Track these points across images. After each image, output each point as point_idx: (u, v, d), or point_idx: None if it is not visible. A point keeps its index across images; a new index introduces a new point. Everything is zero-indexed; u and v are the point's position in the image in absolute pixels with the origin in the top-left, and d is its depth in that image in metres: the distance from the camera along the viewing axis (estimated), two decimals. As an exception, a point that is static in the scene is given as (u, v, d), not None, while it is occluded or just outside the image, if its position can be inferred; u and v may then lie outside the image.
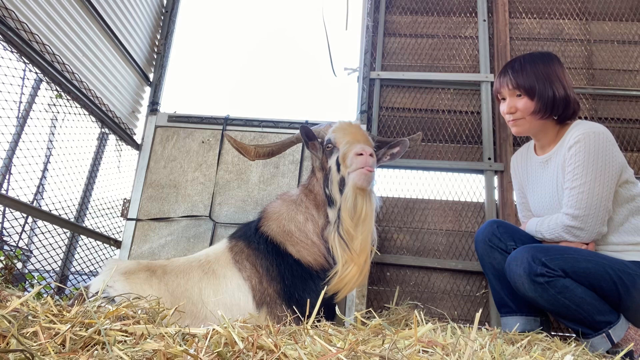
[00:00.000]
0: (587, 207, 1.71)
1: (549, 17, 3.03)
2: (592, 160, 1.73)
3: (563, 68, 1.90)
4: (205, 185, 2.75)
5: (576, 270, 1.61)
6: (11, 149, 2.07)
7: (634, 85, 2.82)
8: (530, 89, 1.84)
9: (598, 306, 1.60)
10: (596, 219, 1.72)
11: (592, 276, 1.61)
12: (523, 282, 1.64)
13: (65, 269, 2.50)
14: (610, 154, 1.74)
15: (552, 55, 1.93)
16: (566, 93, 1.84)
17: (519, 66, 1.90)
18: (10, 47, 1.94)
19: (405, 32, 3.08)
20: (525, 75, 1.86)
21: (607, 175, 1.72)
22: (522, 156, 2.16)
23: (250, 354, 0.86)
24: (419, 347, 0.96)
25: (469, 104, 2.88)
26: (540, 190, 2.00)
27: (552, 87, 1.82)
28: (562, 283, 1.59)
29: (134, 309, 1.21)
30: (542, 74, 1.84)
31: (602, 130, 1.77)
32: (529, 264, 1.62)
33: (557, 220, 1.80)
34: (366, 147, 1.74)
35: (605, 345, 1.58)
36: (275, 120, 2.86)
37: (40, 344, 0.87)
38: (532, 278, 1.61)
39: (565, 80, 1.86)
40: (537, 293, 1.62)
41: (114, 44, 2.71)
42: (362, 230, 1.77)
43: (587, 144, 1.74)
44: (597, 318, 1.59)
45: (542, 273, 1.60)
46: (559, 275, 1.59)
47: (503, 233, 1.92)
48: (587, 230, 1.73)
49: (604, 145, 1.74)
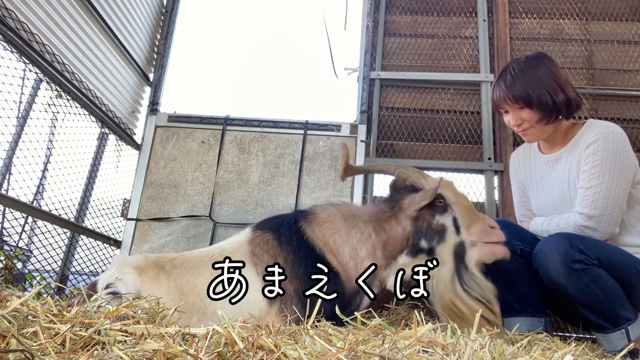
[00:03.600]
0: (603, 207, 1.69)
1: (549, 17, 3.02)
2: (610, 161, 1.70)
3: (555, 65, 1.84)
4: (205, 185, 2.75)
5: (611, 262, 1.59)
6: (11, 149, 2.07)
7: (634, 85, 2.81)
8: (529, 100, 1.79)
9: (622, 301, 1.59)
10: (610, 219, 1.70)
11: (624, 269, 1.60)
12: (557, 267, 1.60)
13: (65, 269, 2.50)
14: (627, 155, 1.72)
15: (541, 55, 1.87)
16: (564, 92, 1.79)
17: (510, 78, 1.83)
18: (10, 47, 1.94)
19: (405, 32, 3.07)
20: (520, 88, 1.80)
21: (624, 176, 1.70)
22: (524, 154, 2.12)
23: (250, 354, 0.86)
24: (419, 347, 0.96)
25: (469, 104, 2.88)
26: (547, 189, 1.96)
27: (548, 91, 1.77)
28: (597, 272, 1.57)
29: (134, 308, 1.22)
30: (535, 82, 1.78)
31: (619, 131, 1.75)
32: (566, 250, 1.58)
33: (568, 220, 1.77)
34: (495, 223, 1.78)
35: (623, 342, 1.57)
36: (275, 120, 2.86)
37: (40, 344, 0.87)
38: (568, 264, 1.58)
39: (559, 80, 1.80)
40: (570, 280, 1.59)
41: (114, 44, 2.71)
42: None
43: (605, 144, 1.72)
44: (620, 313, 1.58)
45: (579, 260, 1.57)
46: (595, 264, 1.58)
47: (509, 233, 1.90)
48: (601, 231, 1.71)
49: (622, 145, 1.72)
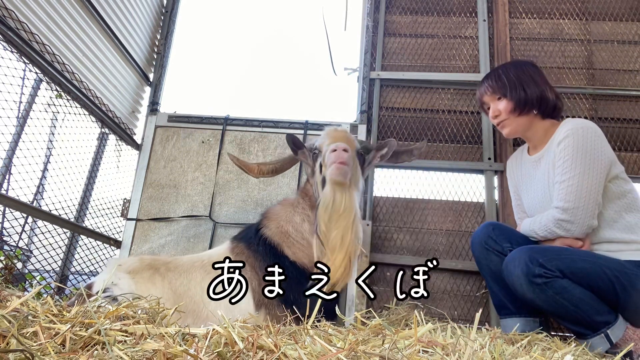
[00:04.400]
0: (576, 199, 1.73)
1: (549, 17, 3.02)
2: (580, 154, 1.76)
3: (538, 70, 2.06)
4: (205, 185, 2.75)
5: (573, 271, 1.60)
6: (11, 149, 2.07)
7: (634, 85, 2.81)
8: (504, 89, 1.99)
9: (596, 306, 1.60)
10: (585, 211, 1.73)
11: (589, 276, 1.61)
12: (521, 283, 1.64)
13: (65, 269, 2.50)
14: (598, 148, 1.77)
15: (527, 61, 2.14)
16: (540, 90, 1.97)
17: (493, 75, 2.08)
18: (10, 47, 1.94)
19: (405, 32, 3.07)
20: (499, 81, 2.03)
21: (596, 169, 1.75)
22: (516, 158, 2.21)
23: (250, 354, 0.86)
24: (419, 347, 0.96)
25: (469, 104, 2.88)
26: (533, 189, 2.02)
27: (523, 86, 1.97)
28: (560, 284, 1.59)
29: (134, 308, 1.21)
30: (513, 77, 2.01)
31: (590, 125, 1.82)
32: (527, 265, 1.62)
33: (547, 216, 1.81)
34: (340, 143, 1.79)
35: (604, 345, 1.58)
36: (275, 120, 2.86)
37: (40, 344, 0.87)
38: (529, 279, 1.60)
39: (539, 80, 2.00)
40: (535, 294, 1.62)
41: (114, 44, 2.71)
42: (338, 226, 1.78)
43: (575, 139, 1.79)
44: (595, 318, 1.59)
45: (539, 274, 1.59)
46: (557, 275, 1.59)
47: (499, 235, 1.93)
48: (578, 224, 1.74)
49: (592, 139, 1.78)
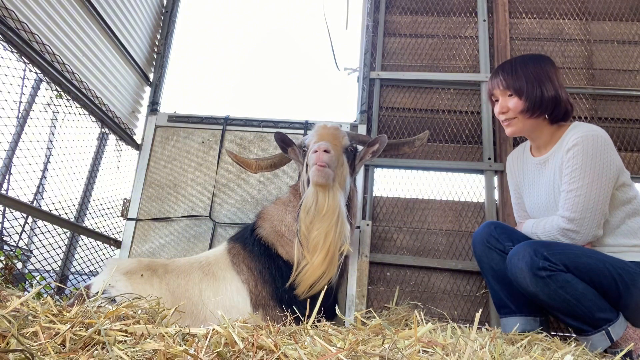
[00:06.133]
0: (583, 210, 1.71)
1: (549, 17, 3.02)
2: (589, 164, 1.72)
3: (556, 69, 1.92)
4: (205, 185, 2.75)
5: (577, 266, 1.60)
6: (11, 149, 2.07)
7: (634, 85, 2.81)
8: (520, 88, 1.87)
9: (598, 303, 1.60)
10: (592, 222, 1.71)
11: (593, 272, 1.61)
12: (525, 276, 1.63)
13: (65, 269, 2.50)
14: (608, 158, 1.73)
15: (545, 57, 1.96)
16: (556, 93, 1.86)
17: (509, 67, 1.93)
18: (10, 47, 1.94)
19: (405, 32, 3.07)
20: (515, 76, 1.89)
21: (605, 179, 1.72)
22: (517, 156, 2.16)
23: (250, 354, 0.86)
24: (419, 347, 0.96)
25: (469, 104, 2.88)
26: (536, 191, 1.99)
27: (540, 86, 1.85)
28: (564, 277, 1.59)
29: (134, 309, 1.21)
30: (531, 74, 1.87)
31: (600, 134, 1.77)
32: (531, 258, 1.61)
33: (552, 223, 1.80)
34: (322, 143, 1.74)
35: (604, 343, 1.58)
36: (275, 120, 2.86)
37: (40, 344, 0.87)
38: (534, 272, 1.60)
39: (556, 81, 1.88)
40: (538, 287, 1.61)
41: (114, 44, 2.71)
42: (320, 226, 1.74)
43: (585, 147, 1.74)
44: (597, 315, 1.59)
45: (544, 267, 1.59)
46: (561, 269, 1.59)
47: (500, 234, 1.92)
48: (583, 234, 1.73)
49: (602, 148, 1.74)
